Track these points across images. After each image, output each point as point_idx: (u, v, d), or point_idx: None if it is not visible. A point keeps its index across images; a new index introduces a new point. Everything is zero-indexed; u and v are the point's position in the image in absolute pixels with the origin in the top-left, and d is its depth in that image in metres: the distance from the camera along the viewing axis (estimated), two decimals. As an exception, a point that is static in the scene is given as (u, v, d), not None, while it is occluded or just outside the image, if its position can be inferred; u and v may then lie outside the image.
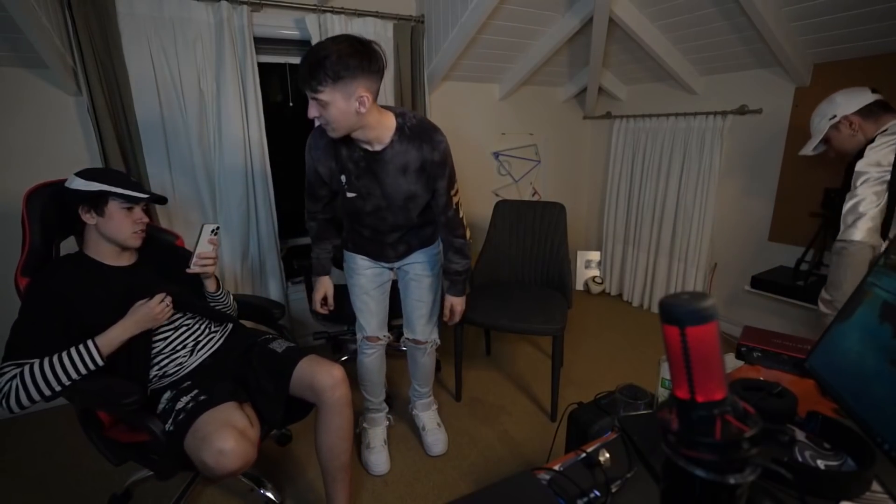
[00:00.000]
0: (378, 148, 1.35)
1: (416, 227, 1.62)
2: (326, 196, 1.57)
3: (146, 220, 1.35)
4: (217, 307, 1.52)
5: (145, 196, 1.30)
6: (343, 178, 1.43)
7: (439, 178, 1.41)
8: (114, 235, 1.29)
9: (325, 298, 1.71)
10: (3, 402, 1.08)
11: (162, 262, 1.45)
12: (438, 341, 1.83)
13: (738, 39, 2.35)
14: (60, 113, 1.95)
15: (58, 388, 1.11)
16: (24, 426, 2.03)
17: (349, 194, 1.46)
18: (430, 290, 1.73)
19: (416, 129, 1.36)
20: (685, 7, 2.29)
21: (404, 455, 1.84)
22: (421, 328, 1.77)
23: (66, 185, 1.28)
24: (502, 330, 2.00)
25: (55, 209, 1.34)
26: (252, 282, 2.36)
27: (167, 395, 1.29)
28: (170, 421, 1.20)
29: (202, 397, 1.23)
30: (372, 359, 1.77)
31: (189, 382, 1.31)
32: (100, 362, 1.16)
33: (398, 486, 1.69)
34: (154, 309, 1.23)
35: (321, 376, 1.34)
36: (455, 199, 1.50)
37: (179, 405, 1.22)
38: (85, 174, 1.28)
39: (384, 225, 1.54)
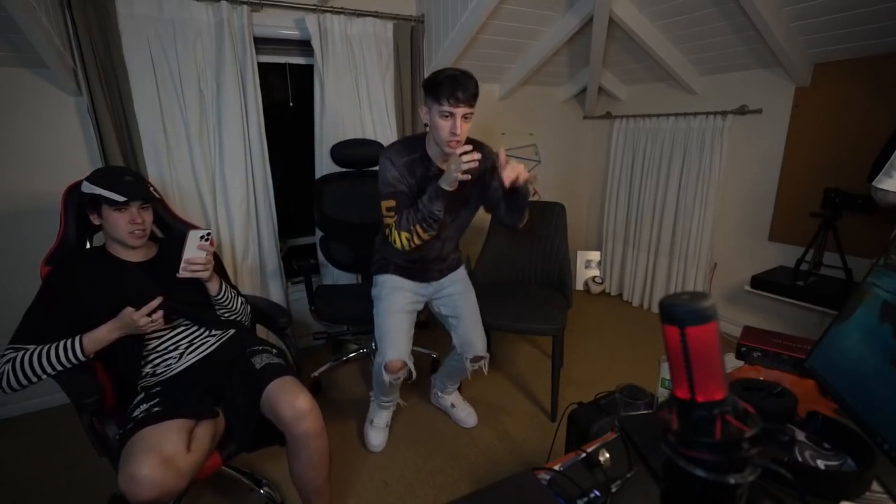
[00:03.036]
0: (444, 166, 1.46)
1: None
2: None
3: (140, 220, 1.32)
4: (222, 311, 1.49)
5: (121, 200, 1.28)
6: None
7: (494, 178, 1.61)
8: (114, 235, 1.32)
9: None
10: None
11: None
12: None
13: (738, 39, 2.35)
14: (60, 113, 1.95)
15: (43, 377, 1.16)
16: (25, 425, 2.03)
17: None
18: (475, 300, 1.79)
19: None
20: (685, 7, 2.29)
21: (404, 455, 1.84)
22: (482, 341, 1.75)
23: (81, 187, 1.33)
24: (502, 330, 2.00)
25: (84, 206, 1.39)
26: (252, 282, 2.36)
27: (140, 396, 1.27)
28: (124, 427, 1.18)
29: (156, 409, 1.18)
30: (396, 386, 1.70)
31: (159, 388, 1.28)
32: (82, 357, 1.18)
33: (398, 487, 1.69)
34: (137, 321, 1.19)
35: (282, 407, 1.23)
36: None
37: (135, 413, 1.20)
38: (90, 176, 1.32)
39: (444, 233, 1.60)
